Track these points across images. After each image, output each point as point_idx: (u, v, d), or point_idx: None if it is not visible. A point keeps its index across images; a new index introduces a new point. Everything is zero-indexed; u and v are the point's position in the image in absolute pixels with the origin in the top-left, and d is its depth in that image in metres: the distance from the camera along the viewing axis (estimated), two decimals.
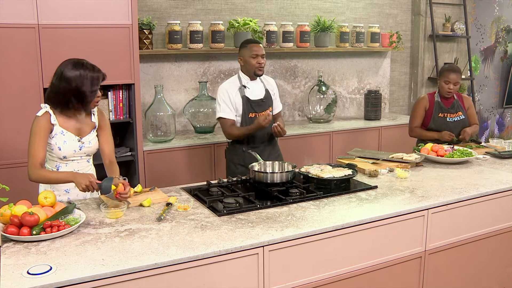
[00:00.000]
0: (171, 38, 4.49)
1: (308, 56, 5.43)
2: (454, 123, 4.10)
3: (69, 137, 2.74)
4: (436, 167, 3.43)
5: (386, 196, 2.80)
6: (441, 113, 4.11)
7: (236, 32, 4.77)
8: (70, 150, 2.75)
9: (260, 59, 3.53)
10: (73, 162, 2.80)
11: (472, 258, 2.96)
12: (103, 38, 3.77)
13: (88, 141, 2.81)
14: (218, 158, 4.38)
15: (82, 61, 2.67)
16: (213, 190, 2.86)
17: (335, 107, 5.31)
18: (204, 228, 2.31)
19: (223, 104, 3.54)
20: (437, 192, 2.86)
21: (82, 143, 2.78)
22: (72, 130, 2.75)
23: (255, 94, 3.60)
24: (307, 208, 2.59)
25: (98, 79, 2.67)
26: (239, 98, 3.54)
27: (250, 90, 3.58)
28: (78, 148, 2.77)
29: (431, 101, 4.15)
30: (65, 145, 2.73)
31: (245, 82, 3.59)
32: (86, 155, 2.84)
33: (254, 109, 3.57)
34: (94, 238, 2.20)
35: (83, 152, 2.81)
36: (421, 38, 6.17)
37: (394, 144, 5.25)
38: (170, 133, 4.36)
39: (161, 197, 2.72)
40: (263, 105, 3.61)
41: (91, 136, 2.83)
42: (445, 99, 4.14)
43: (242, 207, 2.55)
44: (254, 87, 3.61)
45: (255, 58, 3.52)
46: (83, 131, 2.80)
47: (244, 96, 3.54)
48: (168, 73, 4.76)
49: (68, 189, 2.83)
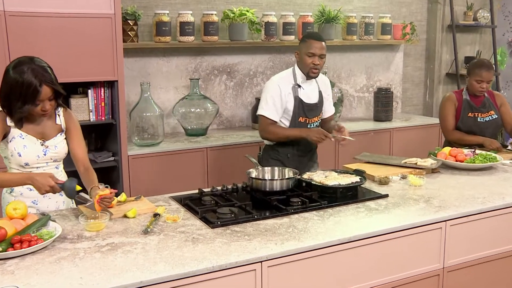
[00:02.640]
0: (159, 30, 4.50)
1: None
2: (485, 123, 4.11)
3: (30, 141, 2.64)
4: (455, 174, 3.43)
5: (398, 206, 2.80)
6: (470, 112, 4.11)
7: (231, 24, 4.78)
8: (32, 156, 2.64)
9: (317, 60, 3.42)
10: (39, 170, 2.69)
11: (496, 277, 2.96)
12: (82, 29, 3.77)
13: (54, 145, 2.71)
14: (211, 163, 4.38)
15: (28, 62, 2.49)
16: (206, 199, 2.86)
17: (341, 107, 5.32)
18: (196, 241, 2.31)
19: (271, 101, 3.46)
20: (456, 202, 2.86)
21: (47, 147, 2.68)
22: (33, 133, 2.65)
23: (309, 96, 3.53)
24: (310, 219, 2.59)
25: (35, 93, 2.47)
26: (291, 98, 3.47)
27: (304, 90, 3.51)
28: (42, 153, 2.67)
29: (459, 100, 4.15)
30: (26, 150, 2.62)
31: (300, 81, 3.52)
32: (53, 161, 2.73)
33: (306, 113, 3.51)
34: (72, 254, 2.19)
35: (48, 157, 2.70)
36: (438, 29, 6.17)
37: (407, 148, 5.25)
38: (158, 136, 4.36)
39: (148, 207, 2.72)
40: (316, 110, 3.57)
41: (58, 139, 2.73)
42: (474, 97, 4.14)
43: (238, 218, 2.55)
44: (308, 87, 3.55)
45: (311, 57, 3.42)
46: (46, 134, 2.70)
47: (297, 97, 3.47)
48: (155, 69, 4.76)
49: (36, 200, 2.74)
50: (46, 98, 2.54)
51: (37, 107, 2.54)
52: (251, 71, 5.17)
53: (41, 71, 2.50)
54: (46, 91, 2.51)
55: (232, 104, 5.12)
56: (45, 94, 2.51)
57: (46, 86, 2.50)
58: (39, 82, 2.48)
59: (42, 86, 2.49)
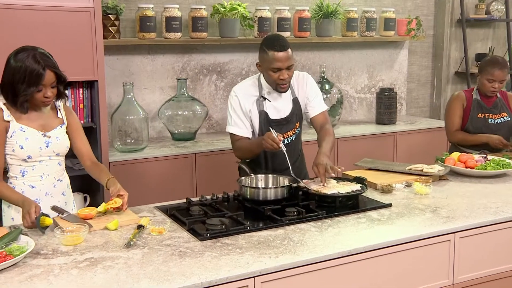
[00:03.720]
0: (143, 25, 4.50)
1: (308, 47, 5.45)
2: (497, 125, 4.13)
3: (32, 133, 2.78)
4: (465, 181, 3.44)
5: (402, 216, 2.81)
6: (481, 113, 4.13)
7: (221, 19, 4.79)
8: (35, 148, 2.78)
9: (284, 74, 3.17)
10: (41, 164, 2.83)
11: None
12: (57, 24, 3.76)
13: (56, 136, 2.85)
14: (200, 170, 4.38)
15: (30, 51, 2.69)
16: (194, 209, 2.86)
17: (340, 109, 5.33)
18: (183, 255, 2.31)
19: (234, 116, 3.33)
20: (466, 212, 2.87)
21: (49, 138, 2.83)
22: (34, 126, 2.80)
23: (278, 110, 3.34)
24: (306, 231, 2.59)
25: (39, 77, 2.66)
26: (255, 112, 3.32)
27: (271, 103, 3.34)
28: (44, 145, 2.81)
29: (469, 99, 4.18)
30: (27, 142, 2.76)
31: (266, 92, 3.34)
32: (55, 154, 2.87)
33: (274, 129, 3.23)
34: (45, 271, 2.18)
35: (51, 150, 2.84)
36: (446, 24, 6.19)
37: (412, 154, 5.27)
38: (142, 140, 4.36)
39: (131, 218, 2.72)
40: (288, 124, 3.37)
41: (59, 131, 2.88)
42: (486, 97, 4.17)
43: (229, 229, 2.55)
44: (277, 98, 3.35)
45: (276, 72, 3.18)
46: (48, 126, 2.85)
47: (262, 111, 3.32)
48: (139, 68, 4.76)
49: (38, 198, 2.83)
50: (49, 84, 2.70)
51: (40, 93, 2.70)
52: (243, 70, 5.18)
53: (44, 57, 2.69)
54: (50, 75, 2.69)
55: (222, 106, 5.12)
56: (48, 78, 2.68)
57: (49, 71, 2.68)
58: (42, 66, 2.66)
59: (45, 70, 2.67)
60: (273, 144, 3.02)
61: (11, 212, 2.85)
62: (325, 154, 3.13)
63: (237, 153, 3.43)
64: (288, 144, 3.38)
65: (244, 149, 3.34)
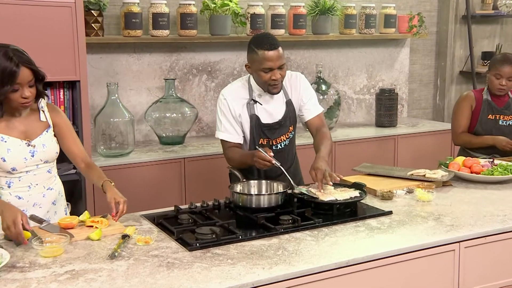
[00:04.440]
0: (128, 22, 4.50)
1: (303, 46, 5.46)
2: (508, 127, 4.14)
3: (14, 143, 2.73)
4: (470, 188, 3.45)
5: (404, 224, 2.81)
6: (491, 114, 4.14)
7: (212, 16, 4.79)
8: (19, 159, 2.74)
9: (276, 74, 3.18)
10: (28, 175, 2.79)
11: None
12: (36, 20, 3.74)
13: (42, 143, 2.80)
14: (189, 176, 4.38)
15: (2, 48, 2.61)
16: (183, 217, 2.86)
17: (338, 111, 5.34)
18: (171, 266, 2.31)
19: (224, 120, 3.32)
20: (471, 220, 2.87)
21: (34, 147, 2.78)
22: (15, 134, 2.75)
23: (270, 113, 3.35)
24: (302, 240, 2.59)
25: (12, 74, 2.57)
26: (246, 116, 3.32)
27: (263, 107, 3.34)
28: (29, 155, 2.77)
29: (478, 100, 4.19)
30: (10, 154, 2.71)
31: (257, 95, 3.34)
32: (43, 162, 2.83)
33: (267, 134, 3.34)
34: (22, 286, 2.16)
35: (37, 159, 2.80)
36: (451, 21, 6.20)
37: (414, 158, 5.29)
38: (128, 144, 4.35)
39: (115, 227, 2.71)
40: (281, 128, 3.38)
41: (45, 137, 2.83)
42: (496, 98, 4.18)
43: (220, 239, 2.54)
44: (269, 101, 3.35)
45: (267, 73, 3.18)
46: (31, 133, 2.80)
47: (253, 115, 3.32)
48: (124, 68, 4.76)
49: (25, 209, 2.75)
50: (25, 82, 2.63)
51: (16, 93, 2.62)
52: (235, 70, 5.18)
53: (17, 53, 2.61)
54: (25, 72, 2.61)
55: (213, 108, 5.12)
56: (24, 76, 2.61)
57: (24, 68, 2.61)
58: (16, 63, 2.58)
59: (19, 67, 2.59)
60: (266, 163, 3.05)
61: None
62: (323, 159, 3.14)
63: (229, 162, 3.43)
64: (281, 150, 3.38)
65: (236, 160, 3.34)
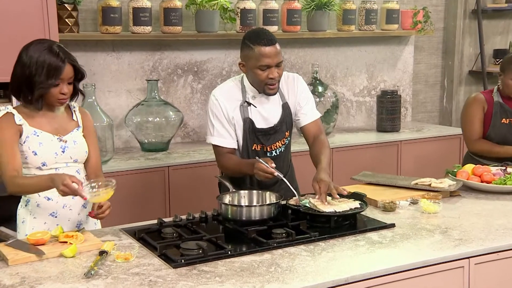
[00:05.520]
0: (106, 17, 4.50)
1: (298, 44, 5.47)
2: None
3: (46, 137, 2.90)
4: (480, 198, 3.46)
5: (407, 238, 2.82)
6: (505, 118, 4.12)
7: (198, 11, 4.80)
8: (50, 154, 2.89)
9: (274, 72, 3.19)
10: (57, 172, 2.88)
11: None
12: (2, 14, 3.74)
13: (73, 140, 2.97)
14: (174, 186, 4.37)
15: (47, 42, 2.86)
16: (167, 231, 2.85)
17: (336, 115, 5.35)
18: (154, 285, 2.31)
19: (217, 124, 3.32)
20: (481, 234, 2.87)
21: (65, 143, 2.94)
22: (48, 129, 2.92)
23: (264, 117, 3.35)
24: (297, 255, 2.59)
25: (58, 69, 2.79)
26: (239, 119, 3.32)
27: (257, 109, 3.34)
28: (60, 150, 2.92)
29: (489, 102, 4.17)
30: (41, 148, 2.87)
31: (251, 96, 3.35)
32: (73, 161, 2.97)
33: (261, 140, 3.34)
34: None
35: (67, 156, 2.94)
36: (459, 16, 6.21)
37: (419, 166, 5.30)
38: (106, 151, 4.35)
39: (92, 242, 2.71)
40: (277, 134, 3.39)
41: (75, 134, 3.00)
42: (509, 100, 4.16)
43: (207, 254, 2.54)
44: (263, 104, 3.36)
45: (265, 71, 3.19)
46: (63, 129, 2.97)
47: (247, 119, 3.32)
48: (102, 68, 4.76)
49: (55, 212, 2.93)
50: (67, 79, 2.85)
51: (56, 89, 2.83)
52: (223, 70, 5.19)
53: (62, 50, 2.86)
54: (68, 69, 2.85)
55: (200, 111, 5.12)
56: (67, 72, 2.83)
57: (69, 64, 2.85)
58: (62, 59, 2.82)
59: (65, 63, 2.83)
60: (267, 175, 3.08)
61: (27, 214, 2.95)
62: (325, 171, 3.17)
63: (222, 170, 3.44)
64: (276, 157, 3.39)
65: (232, 169, 3.35)
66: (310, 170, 3.33)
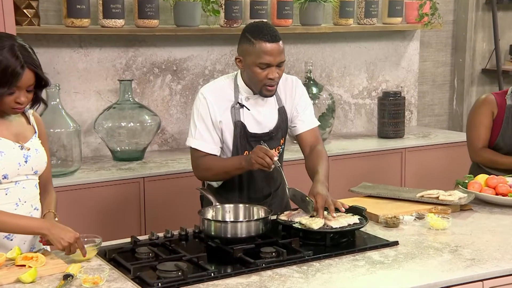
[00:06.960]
0: (72, 9, 4.48)
1: (290, 39, 5.48)
2: None
3: (7, 145, 2.80)
4: (495, 213, 3.47)
5: (412, 257, 2.82)
6: None
7: (177, 2, 4.80)
8: (12, 164, 2.79)
9: (274, 72, 3.21)
10: (17, 187, 2.83)
11: None
12: None
13: (35, 148, 2.89)
14: (150, 199, 4.37)
15: (6, 39, 2.70)
16: (142, 251, 2.85)
17: (332, 119, 5.36)
18: None
19: (200, 125, 3.32)
20: (497, 253, 2.87)
21: (28, 151, 2.85)
22: (7, 135, 2.83)
23: (258, 121, 3.37)
24: (288, 277, 2.59)
25: (14, 75, 2.64)
26: (229, 122, 3.33)
27: (250, 112, 3.36)
28: (23, 160, 2.83)
29: (501, 105, 4.14)
30: (3, 158, 2.76)
31: (244, 97, 3.36)
32: (33, 172, 2.90)
33: (253, 146, 3.25)
34: None
35: (29, 167, 2.86)
36: (471, 7, 6.24)
37: (425, 176, 5.32)
38: (73, 161, 4.34)
39: (55, 265, 2.69)
40: (270, 141, 3.37)
41: (35, 142, 2.92)
42: None
43: (187, 277, 2.54)
44: (259, 106, 3.38)
45: (264, 69, 3.21)
46: (23, 136, 2.89)
47: (238, 122, 3.33)
48: (68, 66, 4.75)
49: (10, 234, 2.82)
50: (24, 87, 2.71)
51: (11, 97, 2.70)
52: (206, 69, 5.19)
53: (24, 52, 2.69)
54: (28, 76, 2.69)
55: (179, 115, 5.12)
56: (26, 79, 2.69)
57: (29, 70, 2.69)
58: (21, 64, 2.65)
59: (24, 68, 2.67)
60: (265, 157, 3.05)
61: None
62: (323, 183, 3.17)
63: (203, 173, 3.41)
64: None
65: (215, 168, 3.33)
66: (305, 181, 3.35)
